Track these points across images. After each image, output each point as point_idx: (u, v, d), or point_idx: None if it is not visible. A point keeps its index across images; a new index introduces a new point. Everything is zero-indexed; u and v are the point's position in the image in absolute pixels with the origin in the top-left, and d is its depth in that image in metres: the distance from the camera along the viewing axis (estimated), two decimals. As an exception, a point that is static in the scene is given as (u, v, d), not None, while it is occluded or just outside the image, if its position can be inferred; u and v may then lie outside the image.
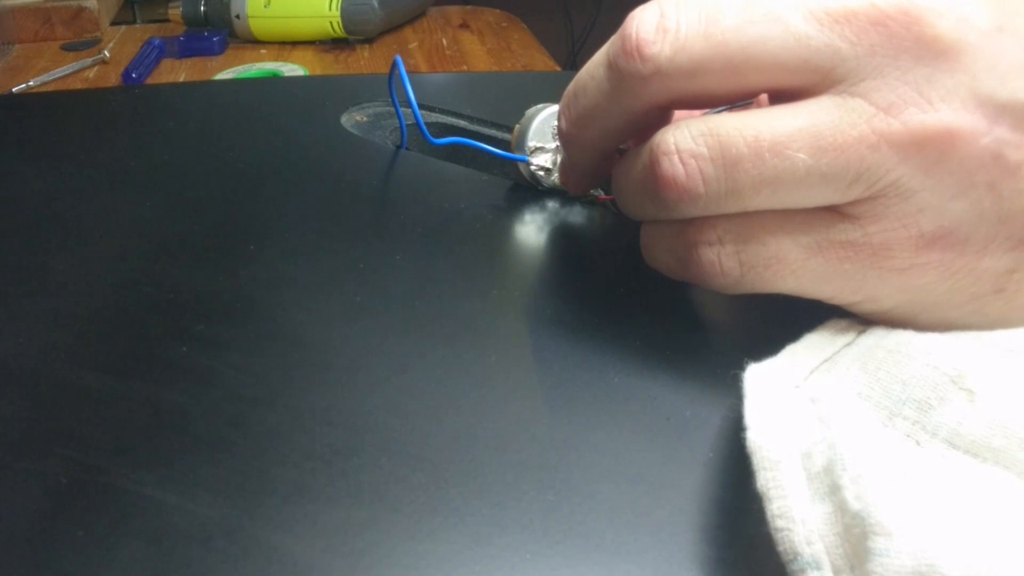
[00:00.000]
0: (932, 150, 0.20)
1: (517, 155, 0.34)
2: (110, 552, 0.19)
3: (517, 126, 0.35)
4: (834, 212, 0.22)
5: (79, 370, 0.24)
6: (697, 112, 0.24)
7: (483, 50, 0.83)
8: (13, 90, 0.69)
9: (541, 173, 0.34)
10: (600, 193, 0.35)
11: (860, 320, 0.23)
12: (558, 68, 0.81)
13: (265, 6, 0.80)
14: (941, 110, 0.20)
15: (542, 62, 0.81)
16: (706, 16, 0.22)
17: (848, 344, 0.23)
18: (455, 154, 0.38)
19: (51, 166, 0.36)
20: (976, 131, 0.20)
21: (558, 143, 0.33)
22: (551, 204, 0.34)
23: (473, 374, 0.24)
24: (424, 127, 0.35)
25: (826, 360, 0.22)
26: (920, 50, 0.20)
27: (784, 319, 0.24)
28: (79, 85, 0.72)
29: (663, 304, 0.28)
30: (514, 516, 0.20)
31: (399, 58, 0.36)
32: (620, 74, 0.23)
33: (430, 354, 0.25)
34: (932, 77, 0.20)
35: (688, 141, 0.22)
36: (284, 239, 0.31)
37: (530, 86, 0.52)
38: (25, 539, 0.19)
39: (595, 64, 0.25)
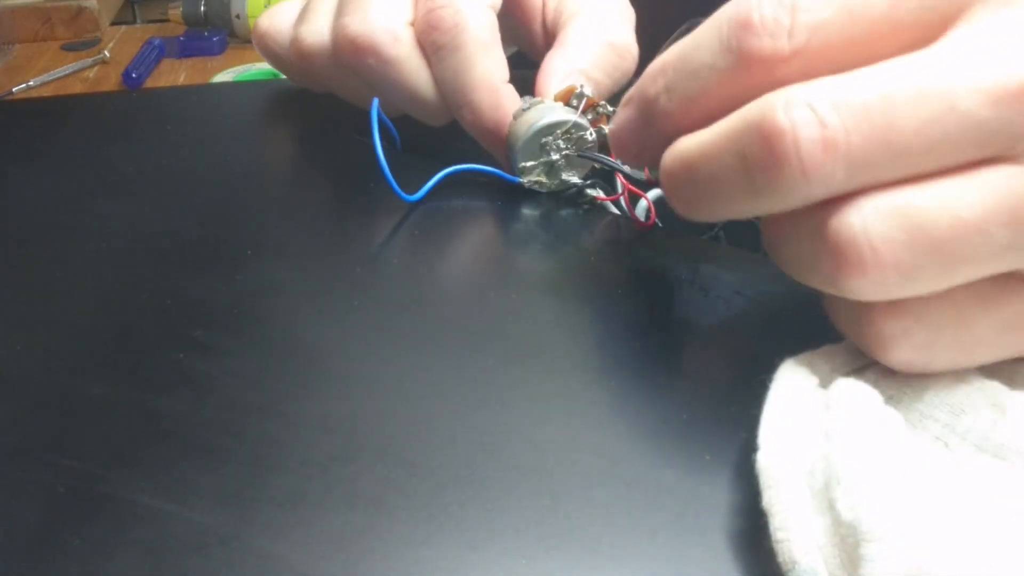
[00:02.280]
0: None
1: (508, 175, 0.34)
2: (107, 560, 0.19)
3: (511, 125, 0.34)
4: (1022, 280, 0.21)
5: (76, 377, 0.24)
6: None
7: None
8: (13, 90, 0.69)
9: (537, 187, 0.34)
10: (599, 193, 0.35)
11: None
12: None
13: (265, 6, 0.80)
14: None
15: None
16: (877, 119, 0.20)
17: None
18: (452, 155, 0.38)
19: (48, 171, 0.36)
20: None
21: (550, 157, 0.33)
22: (549, 207, 0.34)
23: (470, 378, 0.24)
24: (395, 184, 0.33)
25: (863, 365, 0.22)
26: None
27: (782, 324, 0.24)
28: (79, 85, 0.72)
29: (661, 307, 0.28)
30: (510, 521, 0.20)
31: (376, 101, 0.34)
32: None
33: (427, 359, 0.25)
34: None
35: (878, 225, 0.20)
36: (281, 244, 0.31)
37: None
38: (22, 547, 0.19)
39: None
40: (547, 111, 0.34)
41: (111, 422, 0.22)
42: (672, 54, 0.24)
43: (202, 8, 0.82)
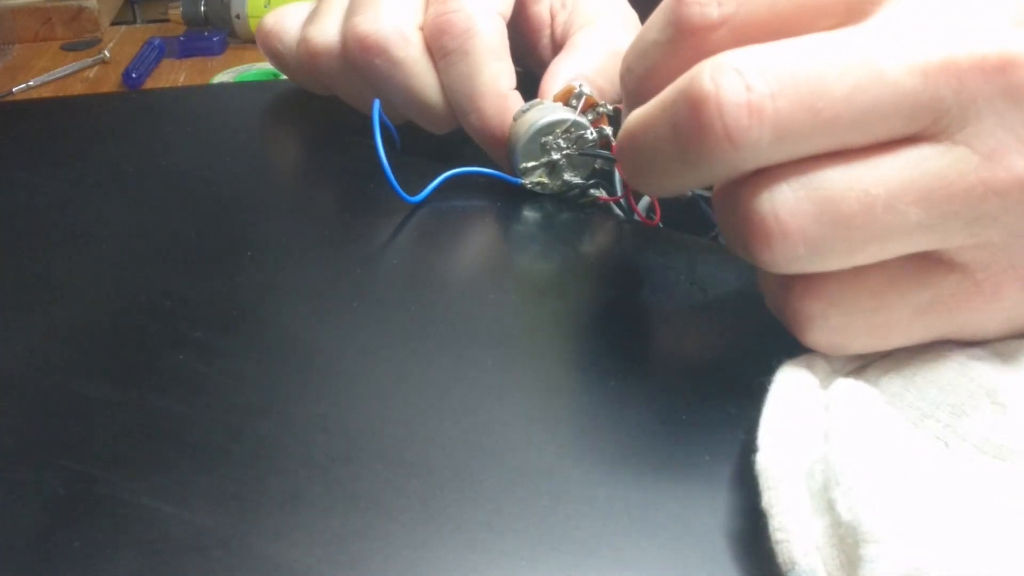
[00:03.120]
0: None
1: (510, 177, 0.34)
2: (107, 562, 0.19)
3: (512, 126, 0.34)
4: (939, 264, 0.21)
5: (75, 379, 0.24)
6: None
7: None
8: (13, 90, 0.69)
9: (538, 189, 0.34)
10: (602, 193, 0.35)
11: None
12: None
13: (265, 6, 0.80)
14: None
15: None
16: (804, 86, 0.20)
17: (886, 355, 0.23)
18: (452, 156, 0.38)
19: (48, 172, 0.36)
20: None
21: (551, 157, 0.33)
22: (549, 207, 0.34)
23: (469, 379, 0.24)
24: (396, 185, 0.33)
25: (862, 365, 0.22)
26: (1016, 94, 0.20)
27: (782, 324, 0.24)
28: (79, 85, 0.72)
29: (661, 308, 0.28)
30: (510, 522, 0.20)
31: (378, 102, 0.34)
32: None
33: (426, 360, 0.25)
34: None
35: (788, 197, 0.20)
36: (281, 245, 0.31)
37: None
38: (22, 549, 0.19)
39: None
40: (547, 111, 0.34)
41: (110, 423, 0.22)
42: (633, 37, 0.25)
43: (202, 8, 0.82)
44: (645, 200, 0.35)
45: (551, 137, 0.33)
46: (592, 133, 0.33)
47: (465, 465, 0.21)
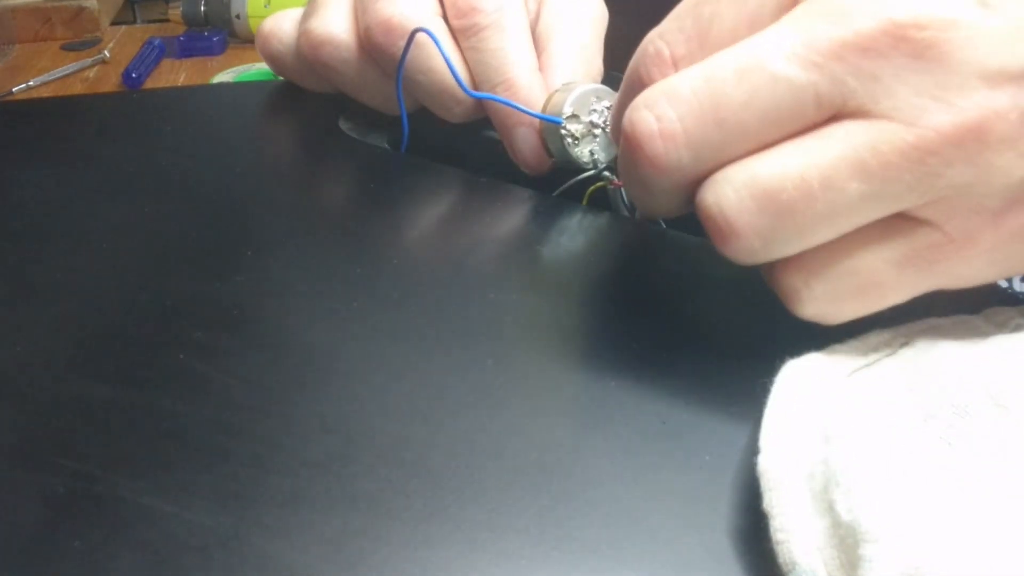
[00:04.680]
0: (971, 143, 0.20)
1: (552, 117, 0.34)
2: (107, 561, 0.19)
3: (554, 94, 0.35)
4: (905, 221, 0.22)
5: (75, 378, 0.24)
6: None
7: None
8: (13, 90, 0.69)
9: (569, 140, 0.34)
10: (615, 179, 0.35)
11: (902, 332, 0.24)
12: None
13: (265, 6, 0.80)
14: (962, 104, 0.20)
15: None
16: (705, 101, 0.22)
17: (890, 354, 0.23)
18: (454, 157, 0.38)
19: (48, 172, 0.36)
20: (1002, 108, 0.20)
21: (592, 119, 0.34)
22: (549, 207, 0.34)
23: (469, 379, 0.24)
24: (459, 77, 0.35)
25: (866, 365, 0.23)
26: (917, 60, 0.20)
27: (783, 324, 0.24)
28: (79, 85, 0.72)
29: (659, 307, 0.28)
30: (510, 521, 0.20)
31: (427, 30, 0.35)
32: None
33: (427, 359, 0.25)
34: (940, 78, 0.20)
35: (730, 196, 0.22)
36: (282, 245, 0.31)
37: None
38: (22, 549, 0.19)
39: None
40: (595, 86, 0.35)
41: (111, 423, 0.22)
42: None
43: (202, 8, 0.82)
44: None
45: (598, 103, 0.34)
46: None
47: (465, 464, 0.21)
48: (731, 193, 0.22)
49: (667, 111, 0.22)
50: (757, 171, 0.21)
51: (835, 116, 0.21)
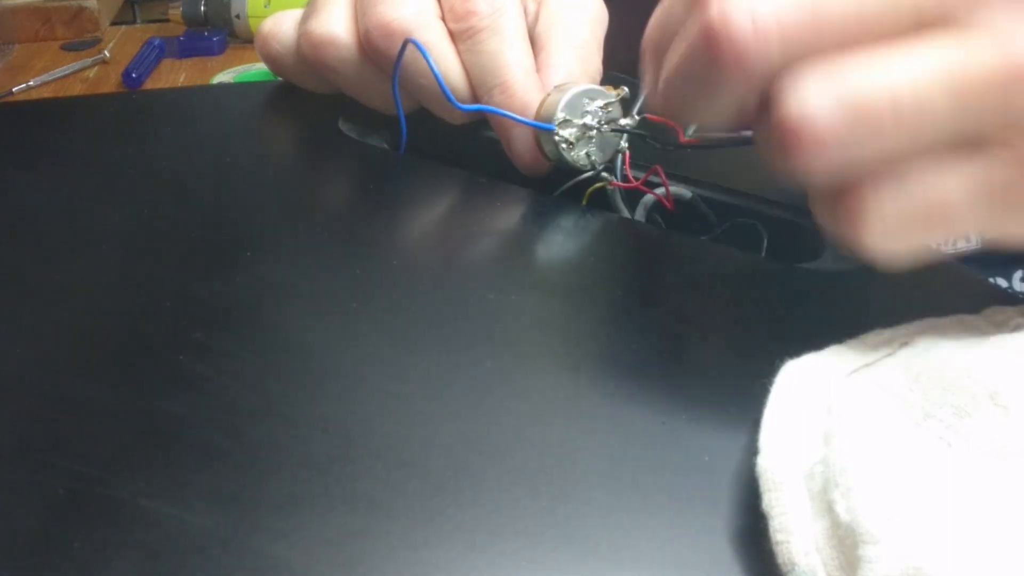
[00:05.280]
0: None
1: (543, 124, 0.34)
2: (107, 562, 0.19)
3: (548, 97, 0.34)
4: (982, 143, 0.22)
5: (75, 379, 0.24)
6: None
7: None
8: (13, 90, 0.69)
9: (564, 145, 0.34)
10: (614, 179, 0.34)
11: (902, 332, 0.24)
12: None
13: (265, 6, 0.80)
14: None
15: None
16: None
17: (890, 354, 0.23)
18: (453, 157, 0.38)
19: (48, 172, 0.36)
20: None
21: (585, 121, 0.34)
22: (549, 207, 0.34)
23: (468, 379, 0.24)
24: (448, 92, 0.35)
25: (866, 365, 0.23)
26: None
27: (782, 324, 0.24)
28: (79, 85, 0.72)
29: (660, 307, 0.28)
30: (509, 523, 0.20)
31: (416, 41, 0.35)
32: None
33: (426, 360, 0.25)
34: None
35: (815, 100, 0.21)
36: (281, 246, 0.31)
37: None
38: (21, 550, 0.19)
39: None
40: (588, 86, 0.34)
41: (111, 424, 0.22)
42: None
43: (202, 8, 0.82)
44: (649, 199, 0.35)
45: (592, 103, 0.34)
46: (625, 119, 0.33)
47: (465, 465, 0.21)
48: (817, 98, 0.21)
49: (761, 4, 0.21)
50: (847, 78, 0.21)
51: (930, 25, 0.21)
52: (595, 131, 0.34)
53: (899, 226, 0.22)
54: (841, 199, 0.22)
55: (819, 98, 0.21)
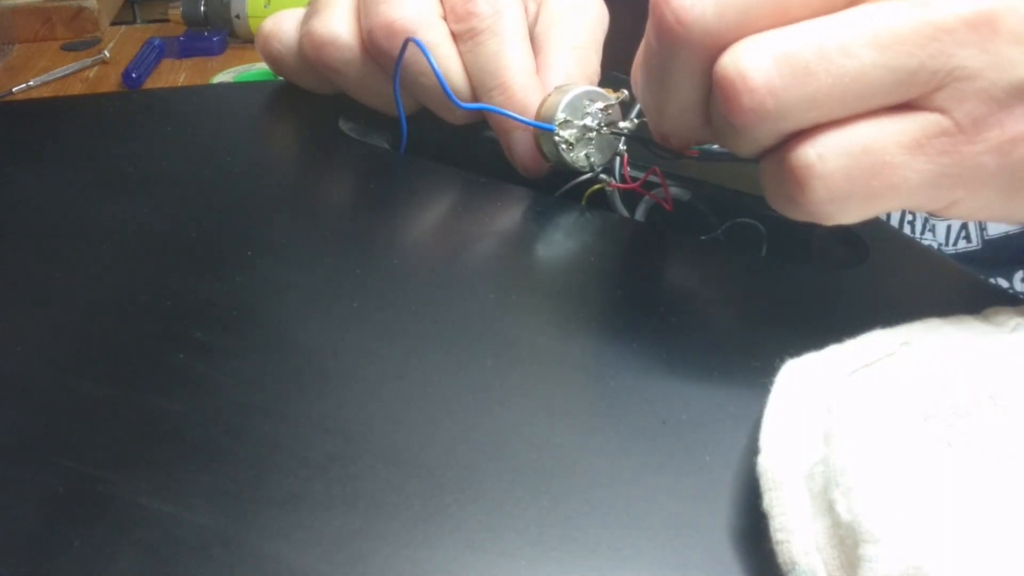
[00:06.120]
0: (983, 28, 0.22)
1: (544, 124, 0.34)
2: (107, 561, 0.19)
3: (548, 98, 0.34)
4: (918, 108, 0.23)
5: (76, 378, 0.24)
6: None
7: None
8: (13, 90, 0.69)
9: (564, 146, 0.34)
10: (613, 180, 0.34)
11: (902, 332, 0.24)
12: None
13: (265, 6, 0.80)
14: None
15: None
16: None
17: (890, 354, 0.23)
18: (453, 157, 0.38)
19: (48, 172, 0.36)
20: (1017, 4, 0.22)
21: (585, 123, 0.34)
22: (549, 207, 0.34)
23: (469, 379, 0.24)
24: (449, 91, 0.35)
25: (866, 365, 0.23)
26: None
27: (782, 324, 0.24)
28: (79, 85, 0.72)
29: (660, 307, 0.28)
30: (509, 522, 0.20)
31: (417, 40, 0.35)
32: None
33: (426, 360, 0.25)
34: None
35: (749, 58, 0.23)
36: (281, 245, 0.31)
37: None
38: (22, 549, 0.19)
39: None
40: (588, 88, 0.34)
41: (111, 423, 0.22)
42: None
43: (202, 8, 0.82)
44: (647, 201, 0.35)
45: (592, 105, 0.34)
46: (624, 122, 0.33)
47: (465, 465, 0.21)
48: (749, 53, 0.23)
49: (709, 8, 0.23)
50: (779, 37, 0.23)
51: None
52: (595, 133, 0.34)
53: (842, 183, 0.23)
54: (785, 158, 0.24)
55: (753, 54, 0.23)
